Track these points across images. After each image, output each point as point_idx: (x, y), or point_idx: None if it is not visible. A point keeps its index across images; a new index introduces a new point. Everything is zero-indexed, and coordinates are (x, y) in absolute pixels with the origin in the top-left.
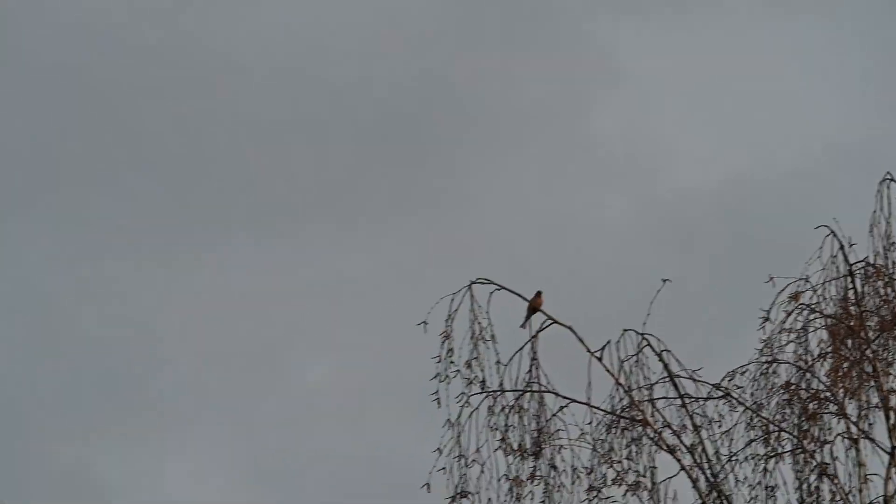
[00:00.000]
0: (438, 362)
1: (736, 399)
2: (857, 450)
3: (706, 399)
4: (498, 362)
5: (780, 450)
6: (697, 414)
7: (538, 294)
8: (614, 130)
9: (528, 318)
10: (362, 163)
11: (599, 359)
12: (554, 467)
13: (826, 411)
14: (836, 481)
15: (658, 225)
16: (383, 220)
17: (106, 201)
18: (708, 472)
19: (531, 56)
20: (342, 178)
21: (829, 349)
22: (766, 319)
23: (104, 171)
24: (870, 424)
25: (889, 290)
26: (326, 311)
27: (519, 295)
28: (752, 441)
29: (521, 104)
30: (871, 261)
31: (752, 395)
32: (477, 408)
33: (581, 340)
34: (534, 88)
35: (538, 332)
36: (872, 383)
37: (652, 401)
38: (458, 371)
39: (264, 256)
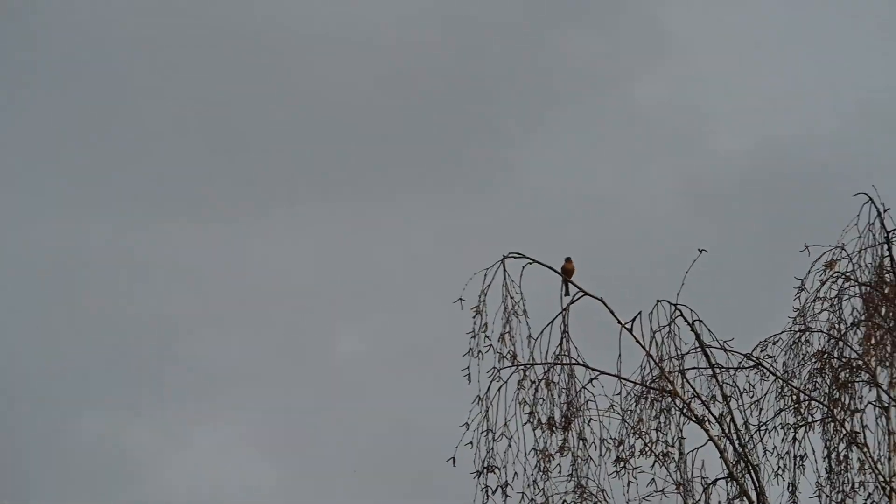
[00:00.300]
0: (473, 338)
1: (767, 369)
2: (888, 418)
3: (737, 369)
4: (529, 336)
5: (809, 419)
6: (728, 384)
7: (567, 260)
8: (657, 98)
9: (565, 286)
10: (400, 135)
11: (630, 330)
12: (583, 440)
13: (858, 380)
14: (865, 450)
15: (696, 194)
16: (422, 193)
17: (138, 171)
18: (736, 442)
19: (575, 24)
20: (380, 151)
21: (863, 317)
22: (802, 288)
23: (135, 141)
24: None
25: None
26: (362, 283)
27: (552, 268)
28: (781, 411)
29: (563, 73)
30: None
31: (783, 364)
32: (506, 382)
33: (612, 312)
34: (576, 57)
35: (570, 304)
36: None
37: (682, 371)
38: (490, 346)
39: (299, 228)
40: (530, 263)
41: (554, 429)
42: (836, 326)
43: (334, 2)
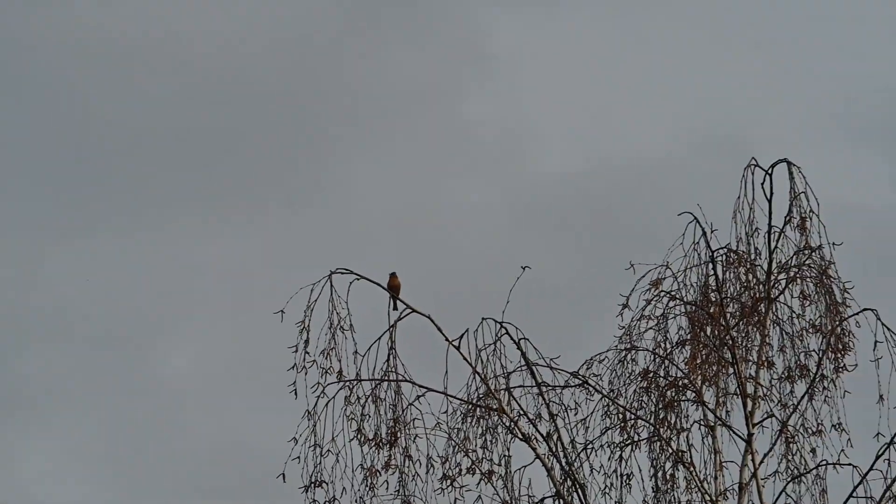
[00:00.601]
0: (296, 352)
1: (593, 387)
2: (714, 437)
3: (563, 387)
4: (356, 352)
5: (636, 438)
6: (554, 402)
7: (393, 276)
8: (485, 116)
9: (392, 302)
10: (230, 150)
11: (457, 347)
12: (409, 456)
13: (683, 399)
14: (691, 469)
15: (524, 212)
16: (251, 209)
17: None
18: (563, 460)
19: (403, 41)
20: (210, 166)
21: (689, 336)
22: (626, 306)
23: None
24: (727, 412)
25: (750, 276)
26: (190, 300)
27: (378, 284)
28: (608, 429)
29: (392, 90)
30: (734, 247)
31: (609, 382)
32: (333, 398)
33: (439, 329)
34: (405, 74)
35: (397, 320)
36: (731, 370)
37: (509, 389)
38: (314, 361)
39: (128, 244)
40: (357, 279)
41: (381, 445)
42: (662, 345)
43: (149, 15)
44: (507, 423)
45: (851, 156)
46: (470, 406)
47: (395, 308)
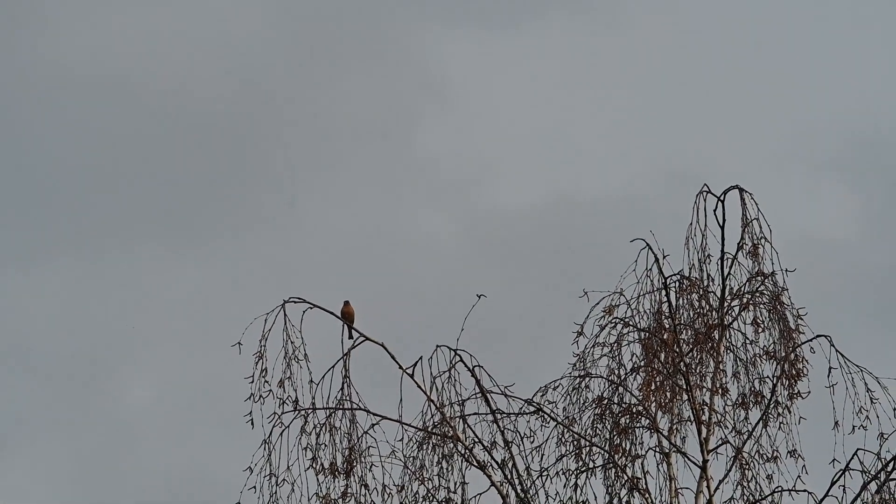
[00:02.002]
0: (251, 382)
1: (548, 414)
2: (669, 464)
3: (518, 414)
4: (311, 381)
5: (591, 464)
6: (509, 429)
7: (346, 304)
8: (440, 147)
9: (347, 329)
10: (188, 180)
11: (411, 375)
12: (365, 485)
13: (638, 425)
14: (646, 496)
15: (480, 242)
16: (210, 239)
17: None
18: (518, 487)
19: (358, 72)
20: (168, 196)
21: (643, 363)
22: (580, 334)
23: None
24: (682, 438)
25: (703, 302)
26: (152, 330)
27: (332, 313)
28: (563, 456)
29: (347, 120)
30: (686, 273)
31: (564, 410)
32: (288, 426)
33: (393, 357)
34: (360, 104)
35: (350, 349)
36: (685, 397)
37: (464, 417)
38: (270, 391)
39: (89, 273)
40: (311, 308)
41: (336, 474)
42: (616, 372)
43: (102, 47)
44: (463, 451)
45: (814, 187)
46: (425, 434)
47: (350, 336)
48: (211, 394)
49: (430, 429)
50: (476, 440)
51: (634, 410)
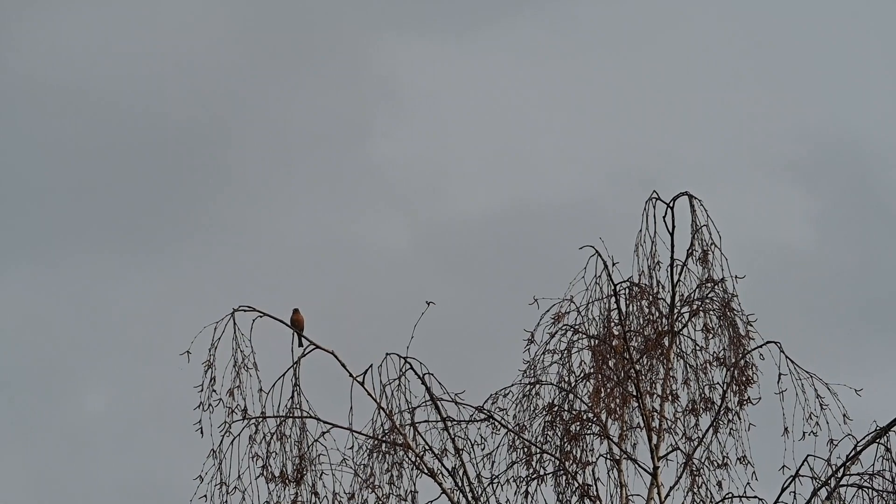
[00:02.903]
0: (201, 391)
1: (498, 421)
2: (620, 470)
3: (468, 422)
4: (260, 390)
5: (542, 472)
6: (459, 437)
7: (296, 312)
8: (392, 154)
9: (298, 337)
10: (142, 187)
11: (361, 383)
12: (315, 493)
13: (588, 432)
14: (597, 502)
15: (431, 250)
16: (162, 247)
17: None
18: (469, 495)
19: (311, 78)
20: (120, 204)
21: (593, 370)
22: (531, 341)
23: None
24: (632, 445)
25: (653, 309)
26: (104, 339)
27: (281, 321)
28: (514, 463)
29: (300, 127)
30: (636, 280)
31: (514, 417)
32: (238, 435)
33: (343, 365)
34: (313, 111)
35: (300, 357)
36: (636, 404)
37: (414, 424)
38: (220, 400)
39: (41, 282)
40: (261, 316)
41: (287, 482)
42: (566, 379)
43: (56, 55)
44: (413, 459)
45: (770, 192)
46: (375, 442)
47: (300, 344)
48: (163, 403)
49: (380, 437)
50: (426, 447)
51: (585, 417)
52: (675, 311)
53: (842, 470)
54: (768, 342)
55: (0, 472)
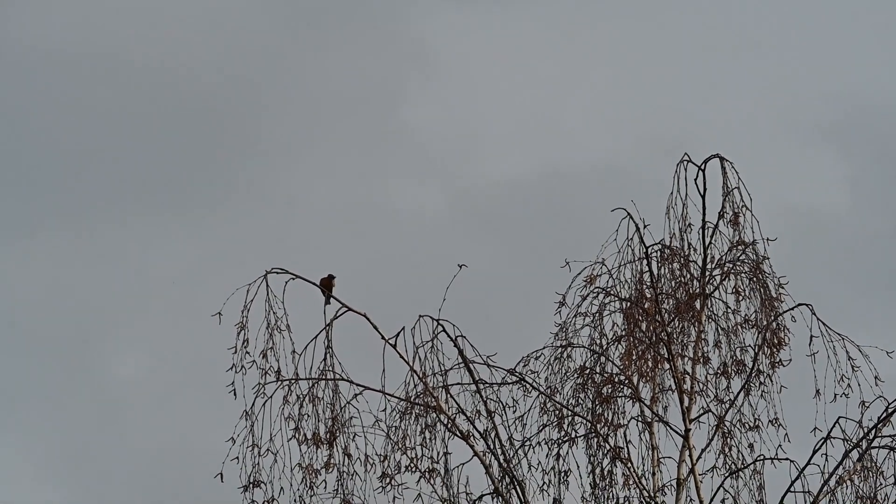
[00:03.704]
0: (234, 353)
1: (530, 384)
2: (651, 433)
3: (500, 385)
4: (293, 351)
5: (573, 434)
6: (491, 399)
7: (330, 276)
8: (425, 119)
9: (326, 299)
10: (172, 154)
11: (394, 345)
12: (348, 455)
13: (620, 395)
14: (629, 465)
15: (464, 213)
16: (196, 211)
17: None
18: (501, 457)
19: (343, 43)
20: (153, 169)
21: (624, 332)
22: (563, 304)
23: None
24: (664, 408)
25: (685, 271)
26: (136, 304)
27: (314, 283)
28: (545, 426)
29: (334, 92)
30: (667, 243)
31: (546, 379)
32: (271, 397)
33: (375, 327)
34: (345, 76)
35: (332, 319)
36: (667, 366)
37: (446, 387)
38: (253, 362)
39: (73, 247)
40: (293, 279)
41: (319, 444)
42: (598, 342)
43: (77, 14)
44: (445, 421)
45: (802, 156)
46: (408, 404)
47: (328, 302)
48: (197, 365)
49: (412, 399)
50: (459, 410)
51: (616, 380)
52: (707, 273)
53: (873, 432)
54: (799, 304)
55: (34, 439)
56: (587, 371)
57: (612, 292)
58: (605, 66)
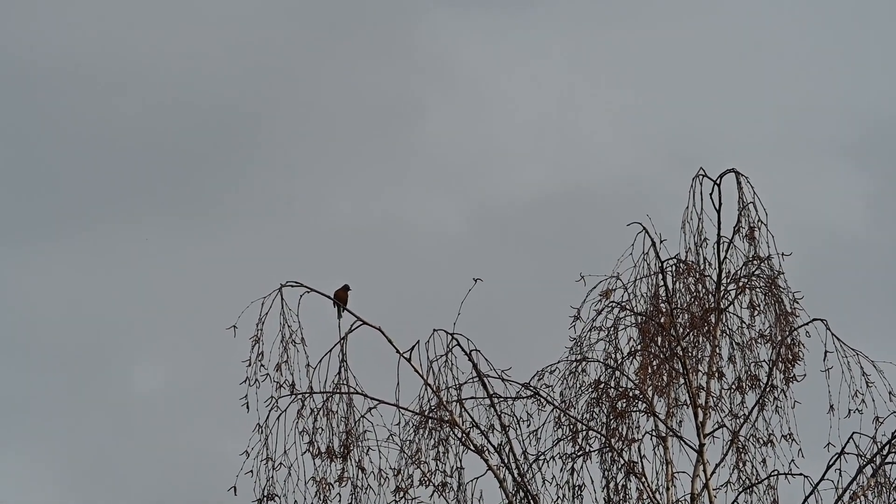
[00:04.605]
0: (248, 366)
1: (544, 398)
2: (665, 448)
3: (515, 399)
4: (308, 365)
5: (587, 448)
6: (506, 413)
7: (344, 287)
8: (447, 133)
9: (339, 312)
10: (195, 164)
11: (408, 359)
12: (362, 469)
13: (634, 409)
14: (643, 479)
15: (479, 227)
16: (213, 224)
17: None
18: (515, 471)
19: (365, 57)
20: (171, 180)
21: (639, 347)
22: (577, 318)
23: None
24: (678, 422)
25: (700, 286)
26: (153, 317)
27: (328, 296)
28: (560, 440)
29: (354, 106)
30: (683, 257)
31: (561, 394)
32: (285, 411)
33: (390, 341)
34: (367, 89)
35: (347, 333)
36: (681, 381)
37: (460, 401)
38: (267, 375)
39: (90, 259)
40: (308, 292)
41: (333, 458)
42: (613, 356)
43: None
44: (459, 435)
45: (818, 171)
46: (422, 418)
47: (339, 316)
48: (212, 378)
49: (426, 413)
50: (473, 424)
51: (631, 394)
52: (722, 288)
53: (887, 447)
54: (814, 319)
55: (51, 449)
56: (602, 385)
57: (627, 307)
58: (625, 81)
